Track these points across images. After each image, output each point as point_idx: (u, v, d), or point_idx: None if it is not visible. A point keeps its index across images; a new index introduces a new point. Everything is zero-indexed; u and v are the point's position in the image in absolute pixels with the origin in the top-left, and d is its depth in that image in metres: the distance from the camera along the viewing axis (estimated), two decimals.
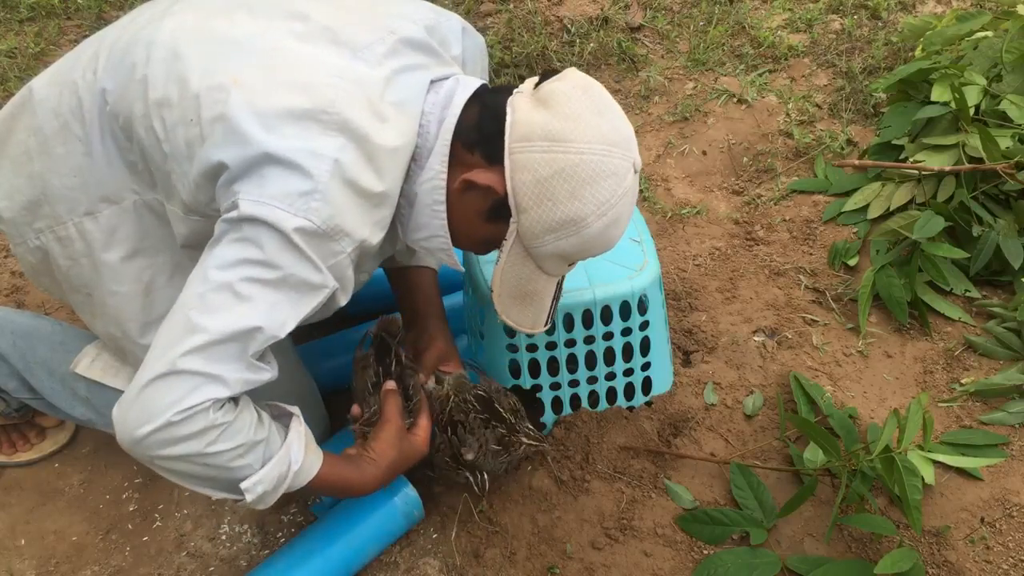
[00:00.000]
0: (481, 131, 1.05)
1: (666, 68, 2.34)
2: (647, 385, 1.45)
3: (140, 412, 0.95)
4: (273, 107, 0.97)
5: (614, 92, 2.27)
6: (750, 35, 2.43)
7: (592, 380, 1.41)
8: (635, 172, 1.05)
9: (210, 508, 1.43)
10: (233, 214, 0.95)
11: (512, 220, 1.06)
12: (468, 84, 1.09)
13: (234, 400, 1.01)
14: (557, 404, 1.42)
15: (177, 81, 1.01)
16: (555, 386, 1.41)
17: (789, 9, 2.52)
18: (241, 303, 0.95)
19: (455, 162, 1.07)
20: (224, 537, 1.39)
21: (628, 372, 1.42)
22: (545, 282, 1.13)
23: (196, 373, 0.95)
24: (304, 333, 1.63)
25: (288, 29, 1.05)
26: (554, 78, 1.06)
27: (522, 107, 1.04)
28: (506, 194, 1.04)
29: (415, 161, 1.07)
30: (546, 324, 1.18)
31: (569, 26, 2.43)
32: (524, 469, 1.44)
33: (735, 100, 2.24)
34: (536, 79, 1.08)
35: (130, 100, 1.04)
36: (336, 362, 1.54)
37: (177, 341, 0.95)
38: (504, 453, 1.28)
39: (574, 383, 1.41)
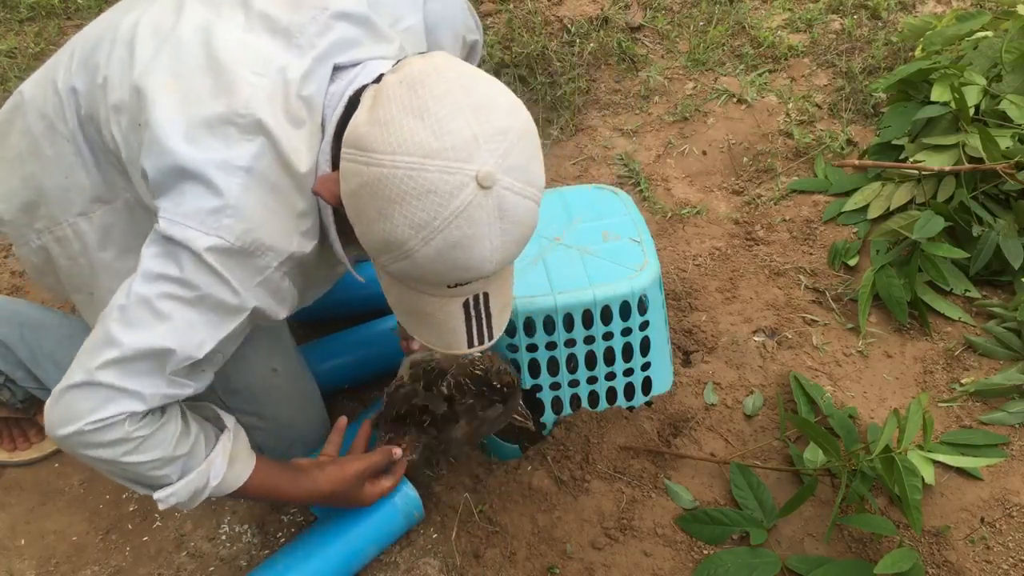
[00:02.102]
0: (342, 127, 0.95)
1: (666, 68, 2.34)
2: (647, 385, 1.45)
3: (61, 414, 0.96)
4: (197, 114, 0.94)
5: (614, 92, 2.27)
6: (750, 35, 2.43)
7: (592, 380, 1.41)
8: (480, 186, 0.84)
9: (210, 508, 1.43)
10: (157, 227, 0.95)
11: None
12: (373, 71, 0.99)
13: (162, 409, 1.00)
14: (557, 404, 1.42)
15: (129, 85, 0.99)
16: (555, 386, 1.41)
17: (789, 9, 2.52)
18: (158, 321, 0.94)
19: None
20: (224, 537, 1.39)
21: (628, 372, 1.42)
22: (436, 304, 0.97)
23: (110, 387, 0.94)
24: (304, 334, 1.63)
25: (232, 19, 1.02)
26: (394, 67, 0.92)
27: (365, 102, 0.91)
28: (340, 203, 0.93)
29: (322, 153, 0.99)
30: (472, 346, 1.02)
31: (569, 26, 2.43)
32: (524, 469, 1.44)
33: (735, 100, 2.23)
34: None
35: (96, 103, 1.04)
36: (335, 363, 1.54)
37: (96, 350, 0.95)
38: (503, 419, 1.30)
39: (574, 383, 1.41)
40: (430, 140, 0.84)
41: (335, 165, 0.97)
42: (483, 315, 1.00)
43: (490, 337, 1.02)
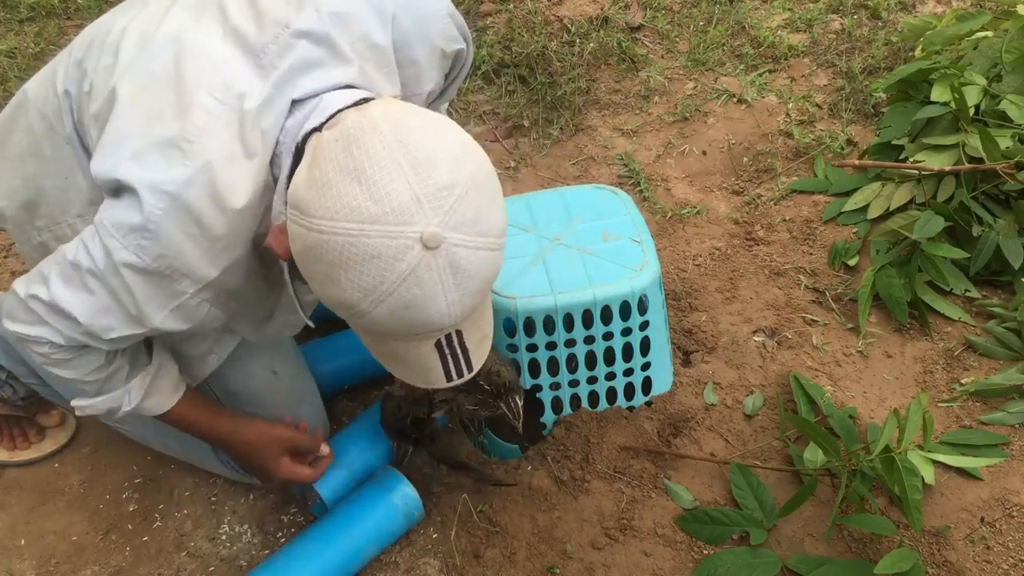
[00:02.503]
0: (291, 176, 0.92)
1: (666, 68, 2.34)
2: (647, 385, 1.45)
3: (6, 308, 1.04)
4: (152, 133, 0.94)
5: (614, 92, 2.27)
6: (750, 35, 2.43)
7: (592, 380, 1.41)
8: (426, 247, 0.81)
9: (210, 508, 1.43)
10: (95, 219, 0.96)
11: None
12: (327, 107, 0.95)
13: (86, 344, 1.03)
14: (557, 404, 1.42)
15: (107, 91, 0.99)
16: (555, 386, 1.40)
17: (789, 9, 2.52)
18: (83, 291, 0.97)
19: None
20: (224, 537, 1.39)
21: (628, 372, 1.42)
22: (406, 348, 0.92)
23: (36, 313, 1.00)
24: (304, 334, 1.62)
25: (209, 28, 1.00)
26: (331, 122, 0.91)
27: (306, 157, 0.89)
28: (291, 258, 0.91)
29: (277, 195, 0.97)
30: (451, 380, 0.97)
31: (569, 26, 2.43)
32: (524, 469, 1.44)
33: (735, 100, 2.23)
34: (358, 99, 0.95)
35: (83, 110, 1.04)
36: (336, 364, 1.54)
37: (39, 279, 1.00)
38: (482, 409, 1.30)
39: (574, 383, 1.41)
40: (368, 205, 0.80)
41: None
42: (458, 351, 0.94)
43: (469, 370, 0.97)
